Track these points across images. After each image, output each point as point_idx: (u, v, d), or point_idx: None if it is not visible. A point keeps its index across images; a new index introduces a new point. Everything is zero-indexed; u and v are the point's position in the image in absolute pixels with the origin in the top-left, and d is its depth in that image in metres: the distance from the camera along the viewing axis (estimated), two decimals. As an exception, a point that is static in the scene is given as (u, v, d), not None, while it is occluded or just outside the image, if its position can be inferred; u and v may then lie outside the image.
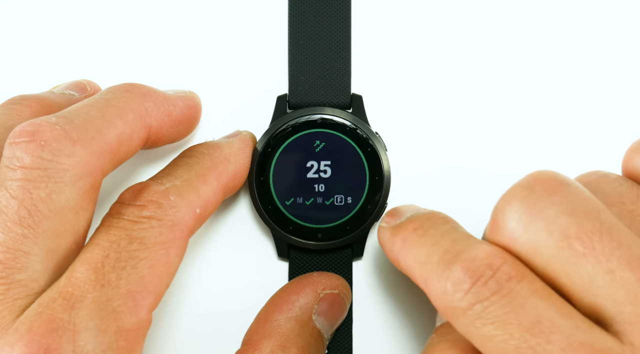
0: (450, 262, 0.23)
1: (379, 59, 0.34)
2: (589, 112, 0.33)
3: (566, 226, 0.22)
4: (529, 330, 0.21)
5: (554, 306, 0.21)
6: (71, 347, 0.23)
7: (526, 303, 0.21)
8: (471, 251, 0.23)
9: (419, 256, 0.24)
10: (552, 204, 0.22)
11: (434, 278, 0.23)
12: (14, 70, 0.34)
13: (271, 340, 0.28)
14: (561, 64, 0.33)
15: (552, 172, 0.23)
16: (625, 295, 0.21)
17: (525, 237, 0.22)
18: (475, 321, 0.22)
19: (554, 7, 0.34)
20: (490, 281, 0.22)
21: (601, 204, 0.22)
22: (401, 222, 0.26)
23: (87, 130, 0.25)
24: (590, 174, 0.26)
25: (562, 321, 0.21)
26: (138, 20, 0.34)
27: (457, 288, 0.22)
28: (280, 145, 0.31)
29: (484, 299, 0.22)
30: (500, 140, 0.33)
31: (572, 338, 0.21)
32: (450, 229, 0.25)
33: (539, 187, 0.23)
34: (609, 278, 0.21)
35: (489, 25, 0.34)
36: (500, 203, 0.23)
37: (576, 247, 0.21)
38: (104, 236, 0.25)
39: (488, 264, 0.22)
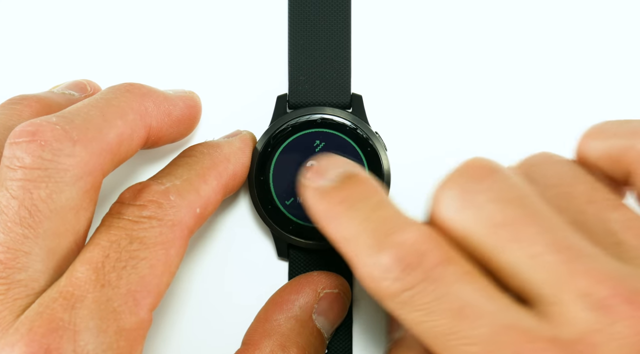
0: (379, 247, 0.23)
1: (379, 59, 0.34)
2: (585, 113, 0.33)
3: (492, 213, 0.22)
4: (455, 316, 0.21)
5: (479, 289, 0.22)
6: (72, 347, 0.23)
7: (452, 288, 0.22)
8: (400, 234, 0.23)
9: (346, 231, 0.24)
10: (480, 192, 0.23)
11: (361, 260, 0.23)
12: (14, 70, 0.34)
13: (271, 339, 0.28)
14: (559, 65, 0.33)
15: (483, 159, 0.24)
16: (547, 277, 0.21)
17: (458, 224, 0.23)
18: (404, 306, 0.22)
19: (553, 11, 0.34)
20: (417, 268, 0.22)
21: (528, 190, 0.23)
22: (329, 188, 0.25)
23: (88, 130, 0.25)
24: (536, 156, 0.27)
25: (486, 304, 0.21)
26: (138, 20, 0.34)
27: (386, 274, 0.22)
28: (280, 145, 0.31)
29: (411, 287, 0.22)
30: (501, 140, 0.33)
31: (498, 321, 0.21)
32: (379, 203, 0.24)
33: (469, 175, 0.23)
34: (532, 261, 0.21)
35: (488, 24, 0.34)
36: (438, 187, 0.24)
37: (502, 233, 0.22)
38: (104, 235, 0.25)
39: (417, 250, 0.22)
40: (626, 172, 0.25)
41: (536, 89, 0.33)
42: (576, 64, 0.33)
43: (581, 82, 0.33)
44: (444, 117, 0.33)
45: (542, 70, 0.33)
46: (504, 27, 0.34)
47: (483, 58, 0.33)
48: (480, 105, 0.33)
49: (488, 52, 0.33)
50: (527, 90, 0.33)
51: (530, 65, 0.33)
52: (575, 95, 0.33)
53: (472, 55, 0.33)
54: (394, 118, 0.33)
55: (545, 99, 0.33)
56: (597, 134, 0.26)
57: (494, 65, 0.33)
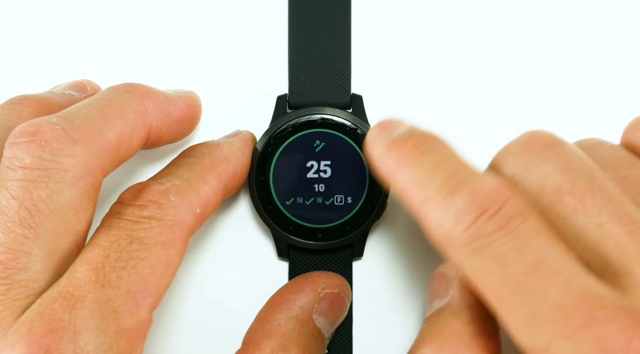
0: (454, 189, 0.22)
1: (379, 59, 0.34)
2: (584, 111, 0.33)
3: (560, 181, 0.22)
4: (531, 271, 0.21)
5: (555, 248, 0.21)
6: (72, 347, 0.23)
7: (530, 242, 0.21)
8: (478, 180, 0.22)
9: (418, 176, 0.23)
10: (546, 159, 0.22)
11: (432, 204, 0.22)
12: (14, 70, 0.34)
13: (272, 340, 0.28)
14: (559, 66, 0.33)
15: (548, 131, 0.23)
16: (614, 248, 0.21)
17: (521, 191, 0.22)
18: (475, 255, 0.21)
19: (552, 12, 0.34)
20: (496, 215, 0.21)
21: (594, 164, 0.23)
22: (398, 137, 0.24)
23: (88, 130, 0.25)
24: (589, 140, 0.27)
25: (563, 265, 0.21)
26: (138, 20, 0.34)
27: (460, 219, 0.21)
28: (280, 145, 0.31)
29: (488, 234, 0.21)
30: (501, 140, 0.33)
31: (572, 282, 0.21)
32: (454, 153, 0.24)
33: (535, 144, 0.23)
34: (599, 231, 0.21)
35: (488, 24, 0.34)
36: (497, 158, 0.23)
37: (568, 201, 0.22)
38: (104, 236, 0.25)
39: (495, 197, 0.21)
40: None
41: (536, 89, 0.33)
42: (575, 63, 0.33)
43: (580, 79, 0.33)
44: (444, 117, 0.33)
45: (542, 71, 0.33)
46: (504, 27, 0.34)
47: (483, 58, 0.33)
48: (481, 105, 0.33)
49: (488, 51, 0.33)
50: (528, 90, 0.33)
51: (530, 65, 0.33)
52: (574, 93, 0.33)
53: (472, 55, 0.33)
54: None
55: (546, 100, 0.33)
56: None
57: (494, 65, 0.33)
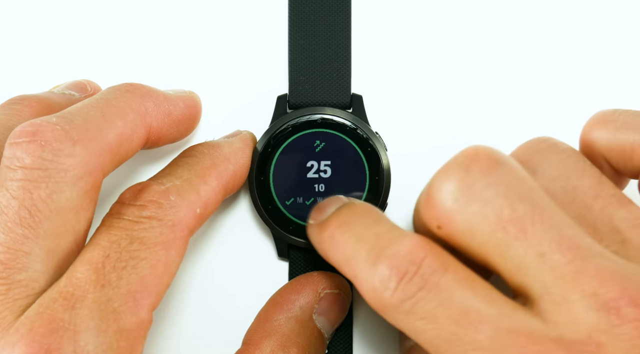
0: (375, 260, 0.23)
1: (379, 59, 0.34)
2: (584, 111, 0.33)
3: (500, 208, 0.22)
4: (457, 322, 0.21)
5: (479, 294, 0.22)
6: (72, 347, 0.23)
7: (452, 295, 0.22)
8: (394, 246, 0.23)
9: (346, 253, 0.24)
10: (487, 185, 0.22)
11: (361, 275, 0.23)
12: (14, 70, 0.34)
13: (272, 340, 0.28)
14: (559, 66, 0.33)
15: (489, 149, 0.23)
16: (554, 277, 0.21)
17: (461, 218, 0.22)
18: (406, 316, 0.22)
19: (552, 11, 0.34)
20: (415, 276, 0.22)
21: (535, 184, 0.23)
22: (327, 219, 0.26)
23: (88, 130, 0.25)
24: (541, 141, 0.26)
25: (487, 309, 0.21)
26: (138, 20, 0.34)
27: (385, 286, 0.22)
28: (280, 145, 0.31)
29: (411, 296, 0.22)
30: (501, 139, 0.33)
31: (500, 324, 0.21)
32: (373, 221, 0.25)
33: (475, 167, 0.23)
34: (539, 260, 0.21)
35: (488, 24, 0.34)
36: (436, 180, 0.23)
37: (509, 230, 0.22)
38: (105, 236, 0.25)
39: (411, 259, 0.22)
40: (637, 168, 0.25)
41: (536, 89, 0.33)
42: (574, 62, 0.33)
43: (579, 80, 0.33)
44: (444, 117, 0.33)
45: (542, 71, 0.33)
46: (504, 27, 0.34)
47: (483, 58, 0.33)
48: (481, 104, 0.33)
49: (488, 51, 0.33)
50: (528, 90, 0.33)
51: (530, 65, 0.33)
52: (574, 93, 0.33)
53: (472, 55, 0.33)
54: (394, 118, 0.33)
55: (546, 100, 0.33)
56: (605, 122, 0.25)
57: (494, 64, 0.33)
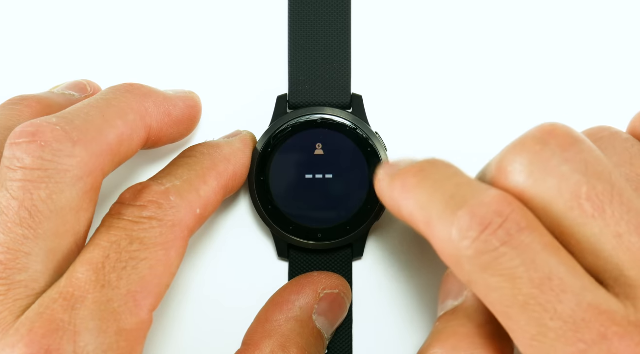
0: (456, 206, 0.22)
1: (379, 59, 0.34)
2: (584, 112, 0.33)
3: (578, 185, 0.21)
4: (539, 286, 0.20)
5: (563, 263, 0.21)
6: (72, 348, 0.23)
7: (537, 257, 0.21)
8: (478, 195, 0.22)
9: (421, 199, 0.23)
10: (565, 161, 0.22)
11: (437, 222, 0.22)
12: (14, 71, 0.34)
13: (271, 340, 0.28)
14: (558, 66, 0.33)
15: (566, 127, 0.23)
16: (631, 259, 0.21)
17: (535, 192, 0.22)
18: (482, 271, 0.21)
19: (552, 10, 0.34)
20: (499, 230, 0.21)
21: (613, 167, 0.22)
22: (402, 170, 0.25)
23: (88, 131, 0.25)
24: (603, 130, 0.26)
25: (572, 280, 0.21)
26: (138, 20, 0.34)
27: (464, 235, 0.21)
28: (280, 145, 0.31)
29: (493, 249, 0.21)
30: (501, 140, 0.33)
31: (581, 298, 0.20)
32: (454, 173, 0.24)
33: (553, 142, 0.22)
34: (616, 241, 0.21)
35: (488, 24, 0.34)
36: (509, 152, 0.22)
37: (586, 208, 0.21)
38: (105, 236, 0.25)
39: (497, 211, 0.21)
40: None
41: (536, 89, 0.33)
42: (575, 63, 0.33)
43: (579, 80, 0.33)
44: (444, 117, 0.33)
45: (542, 70, 0.33)
46: (504, 27, 0.34)
47: (483, 58, 0.33)
48: (481, 104, 0.33)
49: (488, 51, 0.33)
50: (528, 89, 0.33)
51: (530, 65, 0.33)
52: (574, 93, 0.33)
53: (472, 55, 0.33)
54: (394, 118, 0.33)
55: (545, 98, 0.33)
56: None
57: (494, 64, 0.33)
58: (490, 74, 0.33)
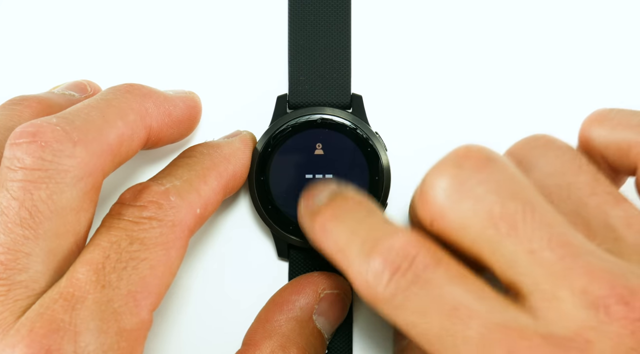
0: (368, 253, 0.23)
1: (379, 59, 0.34)
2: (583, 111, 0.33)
3: (491, 205, 0.22)
4: (448, 318, 0.21)
5: (470, 290, 0.22)
6: (72, 348, 0.23)
7: (443, 290, 0.22)
8: (388, 240, 0.23)
9: (338, 244, 0.24)
10: (479, 182, 0.22)
11: (354, 268, 0.23)
12: (14, 71, 0.34)
13: (272, 340, 0.28)
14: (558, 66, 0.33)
15: (480, 147, 0.23)
16: (544, 274, 0.21)
17: (454, 215, 0.23)
18: (398, 310, 0.22)
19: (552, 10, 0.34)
20: (408, 271, 0.22)
21: (527, 181, 0.23)
22: (319, 208, 0.26)
23: (88, 131, 0.25)
24: (538, 139, 0.26)
25: (478, 305, 0.22)
26: (138, 20, 0.34)
27: (378, 280, 0.22)
28: (280, 145, 0.31)
29: (404, 290, 0.22)
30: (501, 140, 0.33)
31: (489, 321, 0.21)
32: (366, 214, 0.25)
33: (467, 165, 0.23)
34: (529, 257, 0.22)
35: (487, 24, 0.34)
36: (429, 177, 0.23)
37: (500, 227, 0.22)
38: (105, 236, 0.25)
39: (404, 254, 0.22)
40: (633, 165, 0.25)
41: (536, 89, 0.33)
42: (571, 62, 0.33)
43: (576, 79, 0.33)
44: (444, 117, 0.33)
45: (541, 69, 0.33)
46: (503, 27, 0.34)
47: (483, 57, 0.33)
48: (481, 104, 0.33)
49: (487, 51, 0.34)
50: (528, 89, 0.33)
51: (529, 65, 0.33)
52: (572, 93, 0.33)
53: (472, 55, 0.33)
54: (394, 118, 0.33)
55: (545, 99, 0.33)
56: (603, 121, 0.26)
57: (494, 64, 0.33)
58: (489, 74, 0.33)
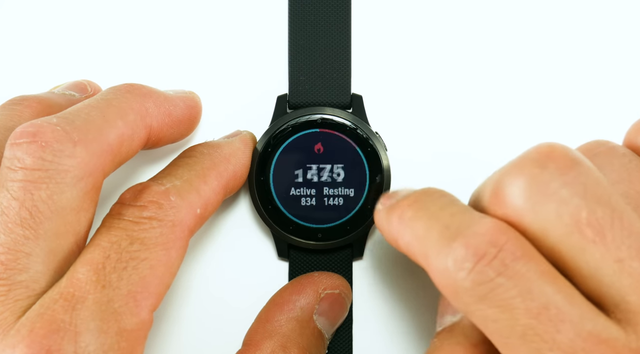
0: (450, 237, 0.21)
1: (379, 59, 0.34)
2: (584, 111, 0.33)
3: (577, 209, 0.21)
4: (536, 317, 0.20)
5: (561, 291, 0.21)
6: (72, 348, 0.23)
7: (533, 286, 0.20)
8: (472, 225, 0.22)
9: (417, 231, 0.23)
10: (564, 184, 0.21)
11: (433, 254, 0.22)
12: (14, 71, 0.34)
13: (272, 340, 0.28)
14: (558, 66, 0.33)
15: (565, 147, 0.22)
16: (632, 285, 0.20)
17: (534, 217, 0.21)
18: (479, 302, 0.21)
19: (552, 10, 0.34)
20: (494, 260, 0.21)
21: (611, 186, 0.22)
22: (397, 201, 0.25)
23: (88, 131, 0.25)
24: (600, 145, 0.25)
25: (570, 308, 0.20)
26: (138, 20, 0.34)
27: (460, 267, 0.21)
28: (280, 145, 0.31)
29: (488, 280, 0.21)
30: (501, 139, 0.33)
31: (580, 327, 0.20)
32: (448, 202, 0.23)
33: (552, 165, 0.21)
34: (617, 266, 0.20)
35: (488, 24, 0.34)
36: (506, 175, 0.22)
37: (586, 233, 0.21)
38: (105, 236, 0.25)
39: (491, 241, 0.21)
40: None
41: (536, 89, 0.33)
42: (575, 63, 0.33)
43: (580, 80, 0.33)
44: (444, 117, 0.33)
45: (541, 69, 0.33)
46: (504, 27, 0.34)
47: (483, 58, 0.33)
48: (481, 104, 0.33)
49: (488, 51, 0.33)
50: (527, 89, 0.33)
51: (529, 65, 0.33)
52: (575, 94, 0.33)
53: (472, 55, 0.33)
54: (394, 118, 0.33)
55: (546, 98, 0.33)
56: None
57: (494, 64, 0.33)
58: (490, 75, 0.33)
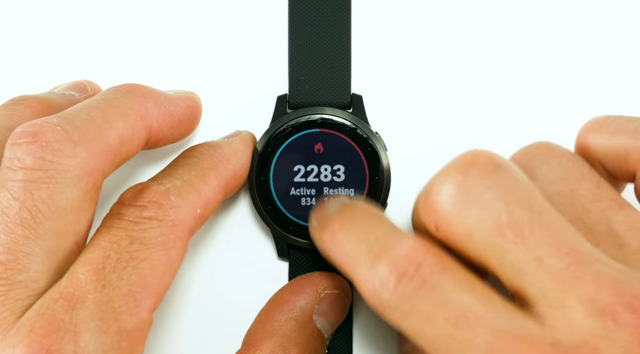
0: (375, 260, 0.23)
1: (379, 59, 0.34)
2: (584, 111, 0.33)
3: (498, 213, 0.22)
4: (455, 325, 0.21)
5: (477, 297, 0.22)
6: (72, 348, 0.23)
7: (450, 297, 0.22)
8: (394, 246, 0.23)
9: (346, 252, 0.24)
10: (486, 189, 0.22)
11: (361, 275, 0.23)
12: (14, 71, 0.34)
13: (272, 340, 0.28)
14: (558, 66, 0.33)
15: (487, 153, 0.23)
16: (551, 282, 0.21)
17: (460, 221, 0.22)
18: (405, 317, 0.22)
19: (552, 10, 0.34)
20: (414, 277, 0.22)
21: (534, 188, 0.23)
22: (328, 218, 0.26)
23: (88, 131, 0.25)
24: (540, 146, 0.26)
25: (485, 312, 0.21)
26: (138, 20, 0.34)
27: (384, 286, 0.22)
28: (280, 145, 0.31)
29: (410, 296, 0.22)
30: (501, 139, 0.33)
31: (496, 328, 0.21)
32: (374, 223, 0.25)
33: (474, 172, 0.23)
34: (536, 265, 0.21)
35: (487, 24, 0.34)
36: (434, 183, 0.23)
37: (507, 234, 0.22)
38: (105, 236, 0.25)
39: (410, 260, 0.22)
40: (632, 172, 0.25)
41: (536, 89, 0.33)
42: (574, 62, 0.33)
43: (579, 79, 0.33)
44: (444, 117, 0.33)
45: (541, 70, 0.33)
46: (503, 27, 0.34)
47: (483, 57, 0.33)
48: (481, 104, 0.33)
49: (487, 51, 0.34)
50: (527, 89, 0.33)
51: (529, 65, 0.33)
52: (573, 94, 0.33)
53: (472, 55, 0.34)
54: (394, 118, 0.33)
55: (544, 99, 0.33)
56: (600, 128, 0.26)
57: (494, 64, 0.33)
58: (489, 74, 0.33)
